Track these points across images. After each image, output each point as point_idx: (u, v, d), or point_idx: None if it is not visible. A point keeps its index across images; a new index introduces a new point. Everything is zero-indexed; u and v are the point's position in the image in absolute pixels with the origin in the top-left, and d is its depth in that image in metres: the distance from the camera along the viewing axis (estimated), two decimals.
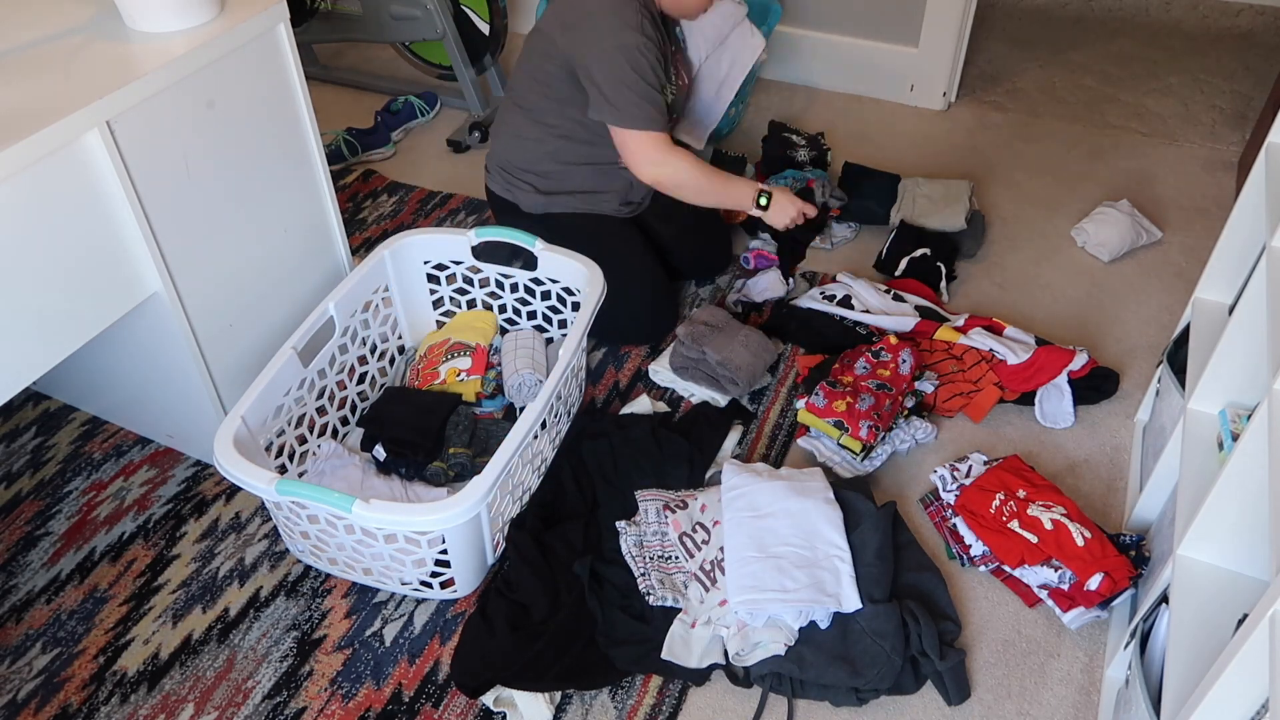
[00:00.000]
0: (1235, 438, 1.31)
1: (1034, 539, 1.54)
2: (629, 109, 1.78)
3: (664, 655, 1.47)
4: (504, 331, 2.01)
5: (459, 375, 1.84)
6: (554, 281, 1.89)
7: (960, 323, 2.00)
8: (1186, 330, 1.68)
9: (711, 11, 1.96)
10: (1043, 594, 1.55)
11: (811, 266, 2.28)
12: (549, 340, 1.99)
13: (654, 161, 1.85)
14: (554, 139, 1.94)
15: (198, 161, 1.54)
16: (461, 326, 1.95)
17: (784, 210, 2.00)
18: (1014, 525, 1.57)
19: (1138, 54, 3.16)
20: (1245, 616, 1.12)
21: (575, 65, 1.81)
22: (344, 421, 1.84)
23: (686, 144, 2.15)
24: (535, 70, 1.90)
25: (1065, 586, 1.52)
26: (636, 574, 1.55)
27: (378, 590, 1.62)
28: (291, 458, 1.69)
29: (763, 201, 1.98)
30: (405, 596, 1.61)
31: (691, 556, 1.58)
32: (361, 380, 1.88)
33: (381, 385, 1.94)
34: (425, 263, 1.93)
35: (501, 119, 2.03)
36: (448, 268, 1.94)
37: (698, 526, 1.61)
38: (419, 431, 1.72)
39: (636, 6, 1.76)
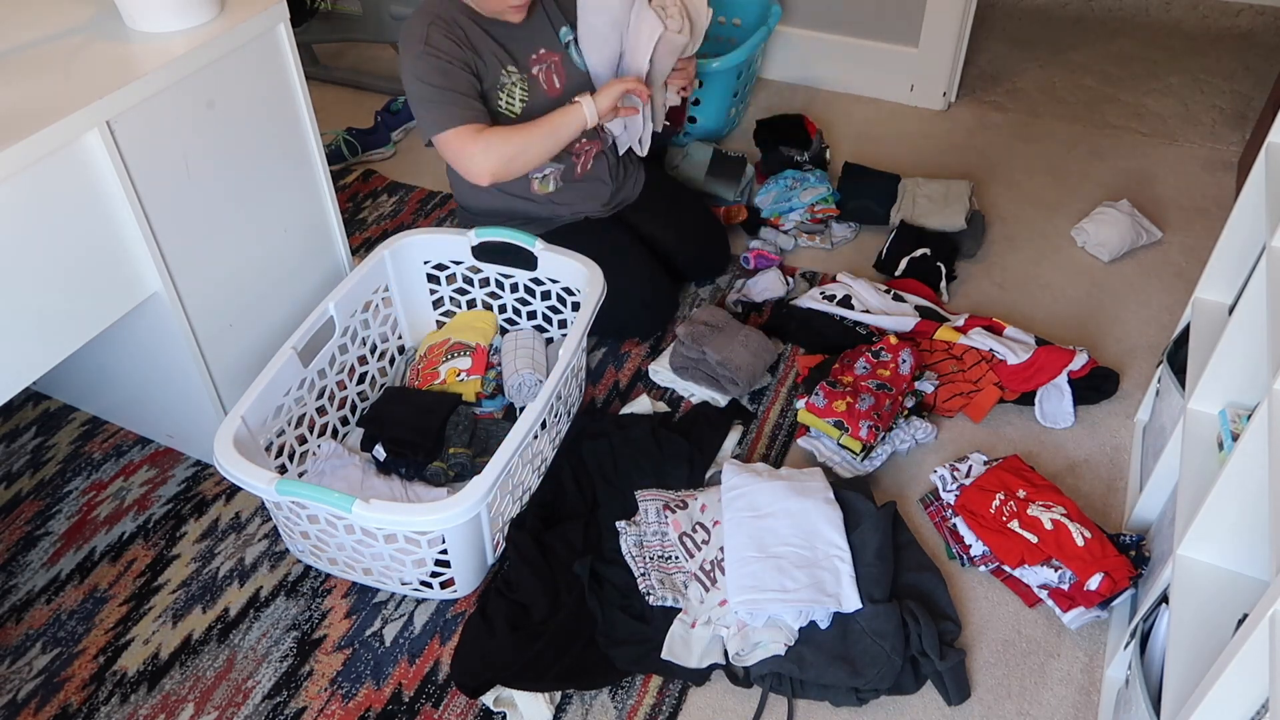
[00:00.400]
0: (1235, 438, 1.31)
1: (1034, 539, 1.54)
2: (428, 116, 1.76)
3: (664, 655, 1.47)
4: (504, 331, 2.01)
5: (459, 375, 1.84)
6: (554, 281, 1.89)
7: (960, 323, 2.00)
8: (1186, 330, 1.68)
9: (593, 10, 1.86)
10: (1043, 594, 1.55)
11: (812, 266, 2.28)
12: (549, 340, 1.99)
13: (470, 154, 1.77)
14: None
15: (198, 161, 1.54)
16: (461, 326, 1.95)
17: (605, 95, 1.84)
18: (1014, 525, 1.57)
19: (1138, 54, 3.16)
20: (1245, 616, 1.12)
21: None
22: (344, 421, 1.84)
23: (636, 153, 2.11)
24: None
25: (1065, 586, 1.52)
26: (636, 574, 1.55)
27: (378, 590, 1.62)
28: (291, 458, 1.69)
29: (586, 108, 1.83)
30: (405, 596, 1.61)
31: (691, 556, 1.58)
32: (361, 380, 1.88)
33: (381, 385, 1.94)
34: (425, 263, 1.93)
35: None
36: (448, 268, 1.94)
37: (698, 526, 1.61)
38: (419, 431, 1.72)
39: (429, 19, 1.76)
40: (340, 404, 1.82)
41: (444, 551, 1.50)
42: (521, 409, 1.85)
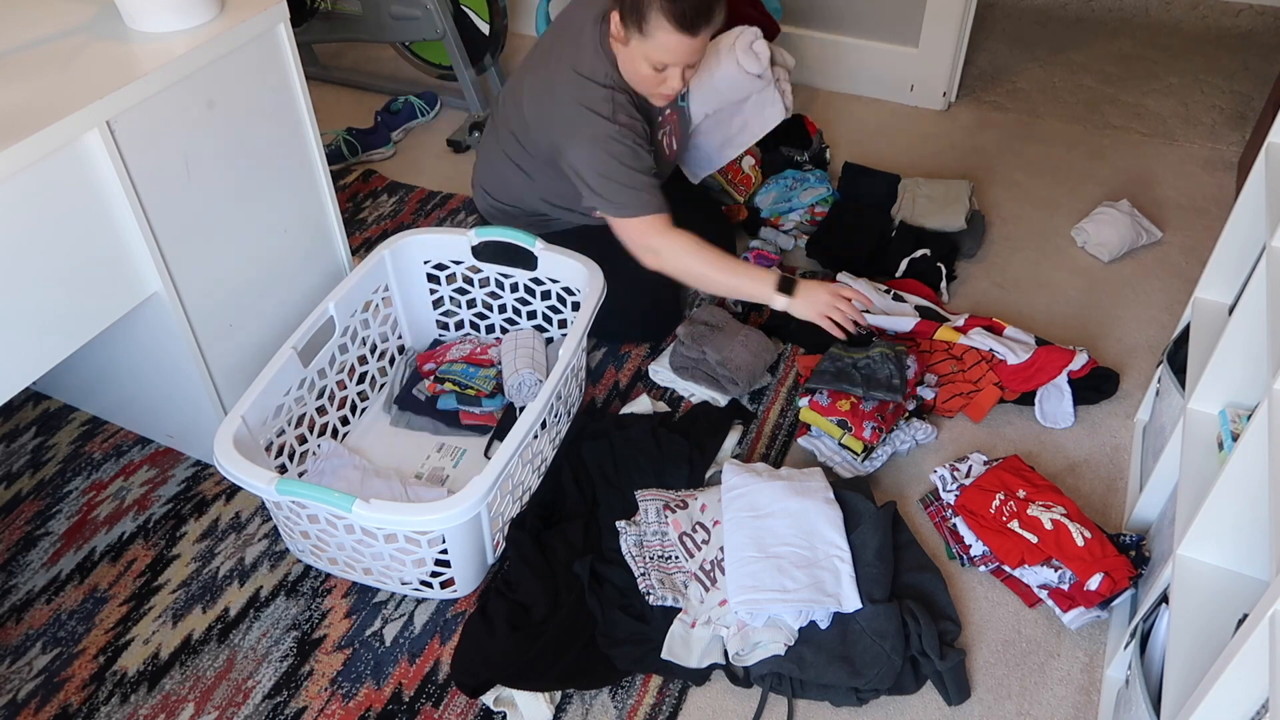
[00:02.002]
0: (1235, 438, 1.31)
1: (1034, 539, 1.54)
2: (617, 198, 1.72)
3: (664, 655, 1.47)
4: (504, 331, 2.01)
5: None
6: (554, 281, 1.89)
7: (960, 323, 2.00)
8: (1186, 330, 1.68)
9: (730, 69, 1.85)
10: (1043, 594, 1.55)
11: (811, 266, 2.28)
12: (549, 340, 1.99)
13: (651, 249, 1.74)
14: (540, 189, 1.91)
15: (198, 161, 1.54)
16: None
17: (813, 298, 1.72)
18: (1014, 525, 1.57)
19: (1138, 54, 3.16)
20: (1245, 616, 1.12)
21: (554, 152, 1.77)
22: (344, 421, 1.84)
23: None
24: (519, 126, 1.86)
25: (1065, 586, 1.52)
26: (636, 574, 1.55)
27: (378, 590, 1.62)
28: (291, 457, 1.69)
29: (787, 291, 1.73)
30: (405, 596, 1.61)
31: (691, 556, 1.58)
32: (361, 380, 1.88)
33: (381, 385, 1.94)
34: (425, 263, 1.93)
35: (488, 146, 1.99)
36: (448, 268, 1.94)
37: (698, 526, 1.61)
38: None
39: (609, 93, 1.70)
40: (340, 404, 1.82)
41: (444, 551, 1.50)
42: (521, 409, 1.85)
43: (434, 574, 1.54)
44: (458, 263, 1.93)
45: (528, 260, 1.89)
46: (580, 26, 1.76)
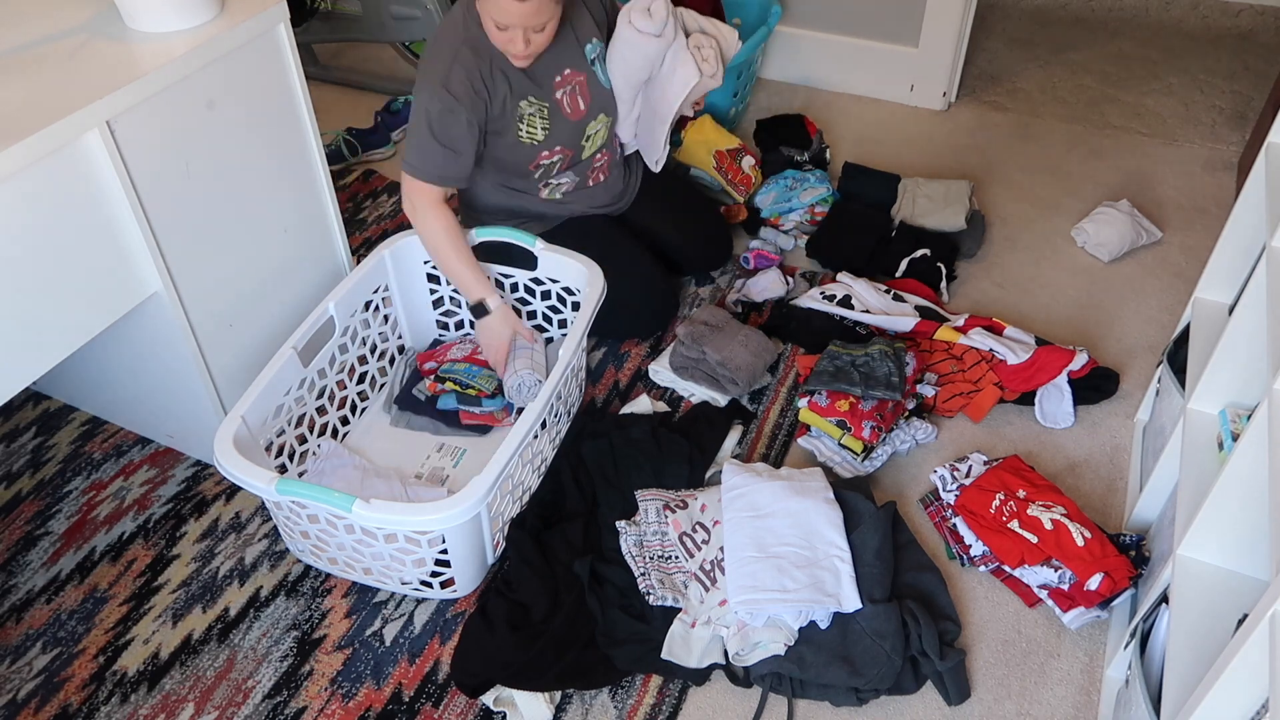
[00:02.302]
0: (1235, 438, 1.31)
1: (1034, 539, 1.54)
2: (410, 155, 1.75)
3: (664, 655, 1.47)
4: None
5: None
6: (554, 281, 1.89)
7: (960, 323, 2.00)
8: (1186, 330, 1.68)
9: (625, 31, 1.83)
10: (1043, 594, 1.55)
11: (811, 266, 2.28)
12: (549, 340, 1.99)
13: (411, 208, 1.79)
14: (487, 172, 1.92)
15: (198, 161, 1.54)
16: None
17: (493, 333, 1.81)
18: (1014, 525, 1.57)
19: (1138, 54, 3.16)
20: (1245, 616, 1.12)
21: None
22: (344, 421, 1.84)
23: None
24: None
25: (1065, 586, 1.52)
26: (636, 574, 1.55)
27: (378, 590, 1.62)
28: (291, 457, 1.69)
29: (481, 313, 1.80)
30: (405, 596, 1.61)
31: (691, 556, 1.58)
32: (361, 380, 1.88)
33: (381, 385, 1.94)
34: (425, 262, 1.93)
35: None
36: None
37: (698, 526, 1.61)
38: None
39: (454, 51, 1.71)
40: (340, 404, 1.82)
41: (444, 551, 1.50)
42: (521, 410, 1.85)
43: (434, 574, 1.54)
44: None
45: (528, 260, 1.89)
46: None
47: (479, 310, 1.81)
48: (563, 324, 1.96)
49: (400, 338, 1.99)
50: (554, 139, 1.86)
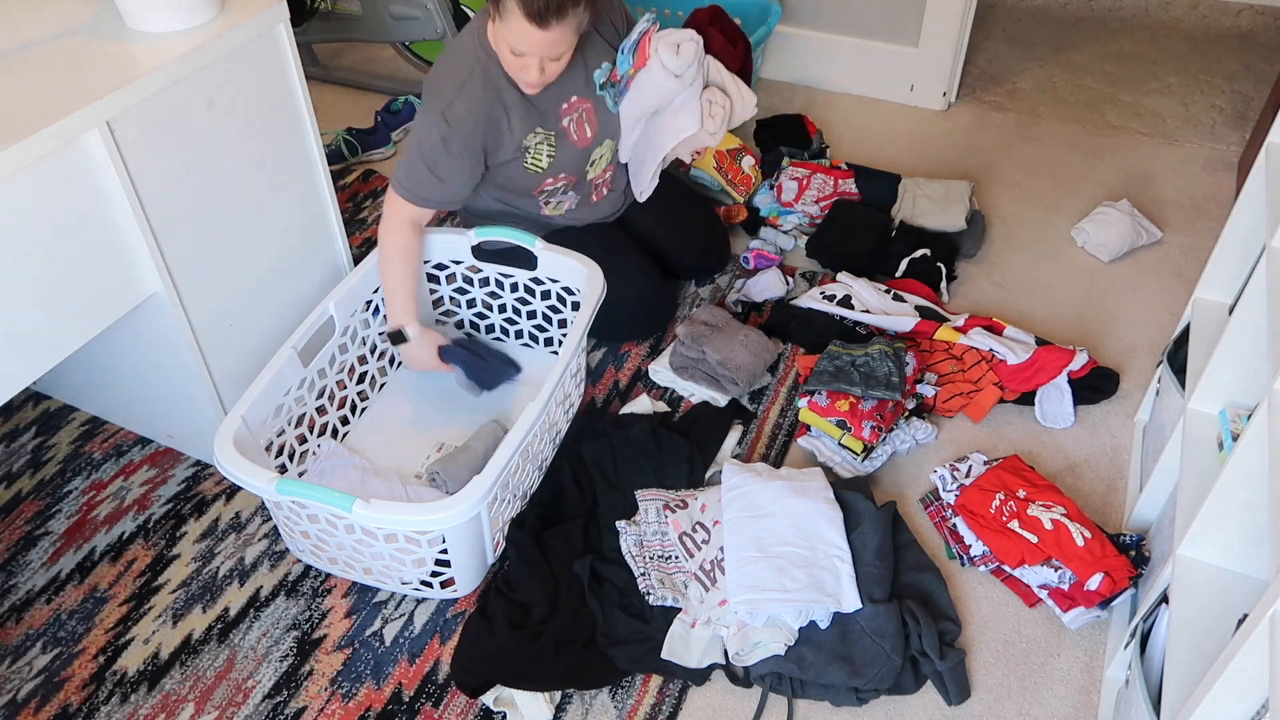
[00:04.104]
0: (1235, 438, 1.31)
1: (1034, 539, 1.54)
2: (398, 171, 1.74)
3: (664, 655, 1.47)
4: (503, 331, 2.00)
5: None
6: (554, 281, 1.89)
7: (960, 323, 2.00)
8: (1186, 330, 1.68)
9: (653, 64, 1.80)
10: (1043, 594, 1.55)
11: (811, 266, 2.28)
12: (549, 340, 1.99)
13: (384, 216, 1.78)
14: (486, 183, 1.90)
15: (198, 161, 1.54)
16: None
17: (414, 361, 1.84)
18: (1014, 525, 1.57)
19: (1138, 54, 3.16)
20: (1245, 616, 1.12)
21: None
22: (344, 421, 1.84)
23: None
24: None
25: (1065, 586, 1.52)
26: (636, 574, 1.55)
27: (378, 590, 1.62)
28: (291, 457, 1.69)
29: (398, 340, 1.81)
30: (405, 596, 1.61)
31: (691, 556, 1.58)
32: (361, 380, 1.88)
33: (381, 385, 1.94)
34: (425, 262, 1.93)
35: None
36: (447, 267, 1.94)
37: (698, 526, 1.61)
38: None
39: (461, 79, 1.69)
40: (340, 404, 1.82)
41: (444, 551, 1.50)
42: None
43: (434, 574, 1.54)
44: (458, 262, 1.93)
45: (528, 260, 1.89)
46: (481, 13, 1.75)
47: (397, 337, 1.80)
48: (563, 324, 1.96)
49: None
50: (559, 166, 1.84)
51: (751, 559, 1.52)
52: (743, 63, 2.51)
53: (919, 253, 2.19)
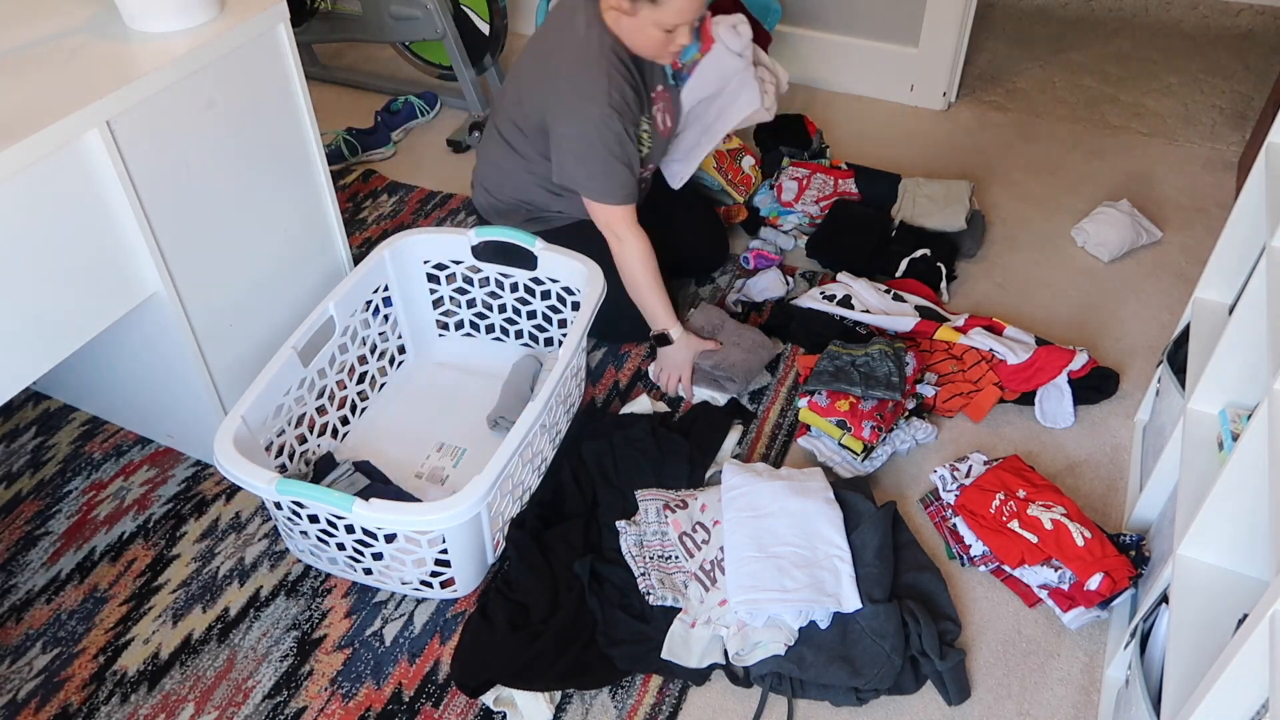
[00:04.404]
0: (1235, 438, 1.31)
1: (1034, 539, 1.54)
2: (594, 182, 1.77)
3: (664, 655, 1.47)
4: (503, 331, 2.00)
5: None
6: (554, 281, 1.89)
7: (960, 323, 2.00)
8: (1186, 330, 1.68)
9: (716, 46, 1.89)
10: (1043, 594, 1.55)
11: (811, 266, 2.28)
12: (549, 340, 1.99)
13: (614, 235, 1.83)
14: (537, 174, 1.92)
15: (198, 161, 1.54)
16: None
17: (671, 364, 1.90)
18: (1014, 525, 1.57)
19: (1138, 54, 3.16)
20: (1245, 616, 1.12)
21: (546, 123, 1.80)
22: (344, 421, 1.84)
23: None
24: (515, 110, 1.88)
25: (1065, 586, 1.52)
26: (636, 574, 1.55)
27: (378, 590, 1.62)
28: (291, 457, 1.69)
29: (664, 342, 1.88)
30: (405, 596, 1.61)
31: (691, 556, 1.58)
32: (361, 380, 1.88)
33: (381, 385, 1.94)
34: (425, 262, 1.93)
35: (487, 141, 2.01)
36: (447, 267, 1.94)
37: (698, 526, 1.61)
38: None
39: (605, 67, 1.72)
40: (340, 404, 1.82)
41: (444, 551, 1.50)
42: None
43: (434, 574, 1.54)
44: (458, 262, 1.93)
45: (528, 260, 1.89)
46: (573, 8, 1.78)
47: (662, 339, 1.88)
48: (563, 324, 1.96)
49: (400, 338, 1.99)
50: (652, 156, 1.88)
51: (751, 559, 1.52)
52: (754, 24, 2.56)
53: (919, 253, 2.19)
